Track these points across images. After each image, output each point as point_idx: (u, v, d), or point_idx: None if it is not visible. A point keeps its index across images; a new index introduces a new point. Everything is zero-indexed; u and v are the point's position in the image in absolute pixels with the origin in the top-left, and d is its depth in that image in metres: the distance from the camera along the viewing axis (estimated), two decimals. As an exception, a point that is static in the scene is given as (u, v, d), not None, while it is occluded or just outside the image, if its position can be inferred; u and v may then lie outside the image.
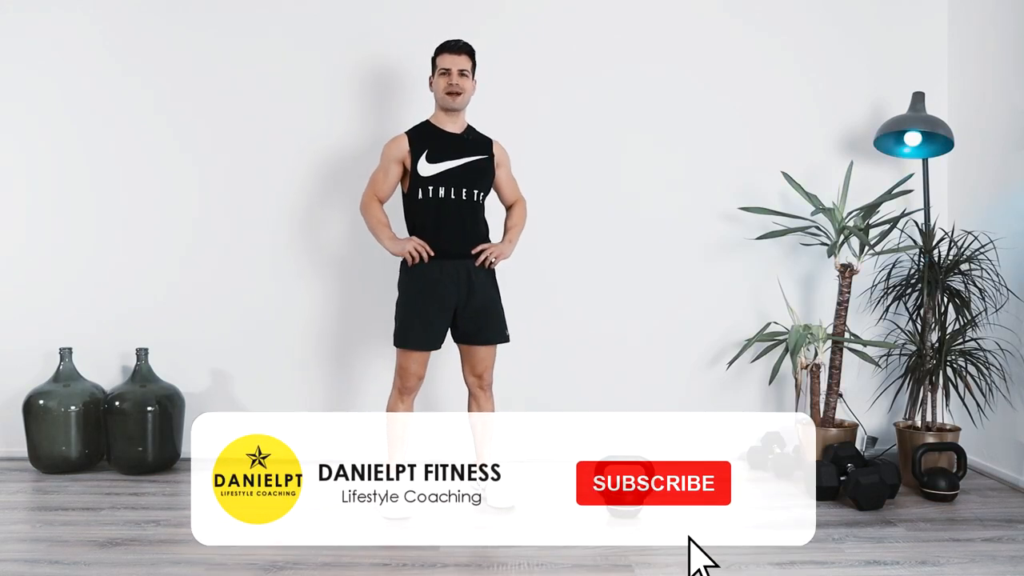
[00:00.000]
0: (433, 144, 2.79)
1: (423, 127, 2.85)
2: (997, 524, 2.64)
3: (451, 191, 2.77)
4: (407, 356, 2.78)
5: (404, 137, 2.82)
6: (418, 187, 2.78)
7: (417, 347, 2.76)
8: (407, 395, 2.84)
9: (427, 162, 2.77)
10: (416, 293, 2.76)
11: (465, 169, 2.80)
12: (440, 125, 2.84)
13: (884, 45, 3.59)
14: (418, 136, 2.81)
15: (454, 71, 2.76)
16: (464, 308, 2.79)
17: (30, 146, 3.54)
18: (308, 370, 3.56)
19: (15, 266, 3.56)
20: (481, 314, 2.81)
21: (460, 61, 2.78)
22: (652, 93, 3.56)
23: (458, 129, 2.85)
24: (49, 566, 2.27)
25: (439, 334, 2.80)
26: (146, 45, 3.53)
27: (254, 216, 3.54)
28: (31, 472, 3.35)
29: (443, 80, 2.77)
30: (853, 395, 3.51)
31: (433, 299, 2.75)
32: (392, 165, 2.81)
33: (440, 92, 2.79)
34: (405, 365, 2.79)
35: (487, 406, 2.94)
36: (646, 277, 3.56)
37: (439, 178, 2.77)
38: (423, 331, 2.76)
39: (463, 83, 2.78)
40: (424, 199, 2.77)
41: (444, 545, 2.44)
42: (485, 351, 2.86)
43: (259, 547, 2.41)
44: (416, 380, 2.82)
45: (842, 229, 3.22)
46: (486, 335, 2.84)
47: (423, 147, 2.78)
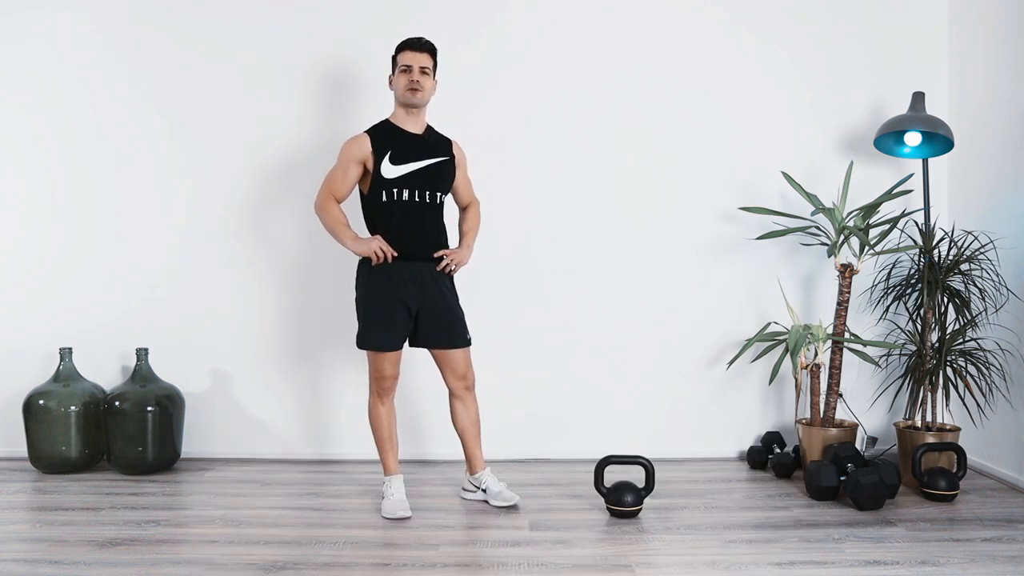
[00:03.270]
0: (396, 145, 2.76)
1: (384, 127, 2.81)
2: (997, 524, 2.64)
3: (415, 193, 2.75)
4: (379, 358, 2.76)
5: (366, 137, 2.77)
6: (381, 189, 2.74)
7: (383, 347, 2.74)
8: (386, 396, 2.83)
9: (391, 164, 2.73)
10: (377, 293, 2.74)
11: (428, 171, 2.78)
12: (401, 125, 2.80)
13: (884, 45, 3.59)
14: (380, 136, 2.77)
15: (415, 68, 2.73)
16: (424, 311, 2.77)
17: (30, 146, 3.55)
18: (308, 370, 3.56)
19: (15, 266, 3.57)
20: (442, 319, 2.79)
21: (421, 59, 2.75)
22: (652, 93, 3.56)
23: (419, 129, 2.82)
24: (49, 566, 2.27)
25: (402, 334, 2.78)
26: (147, 44, 3.53)
27: (254, 216, 3.55)
28: (31, 472, 3.35)
29: (404, 77, 2.74)
30: (853, 395, 3.51)
31: (395, 299, 2.73)
32: (352, 165, 2.77)
33: (401, 89, 2.75)
34: (379, 367, 2.78)
35: (472, 407, 2.92)
36: (646, 277, 3.57)
37: (403, 180, 2.74)
38: (388, 331, 2.74)
39: (424, 81, 2.75)
40: (388, 201, 2.74)
41: (444, 545, 2.44)
42: (460, 354, 2.85)
43: (259, 547, 2.42)
44: (391, 380, 2.81)
45: (842, 229, 3.22)
46: (446, 338, 2.81)
47: (386, 148, 2.74)
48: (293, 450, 3.57)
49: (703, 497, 2.97)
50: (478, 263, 3.28)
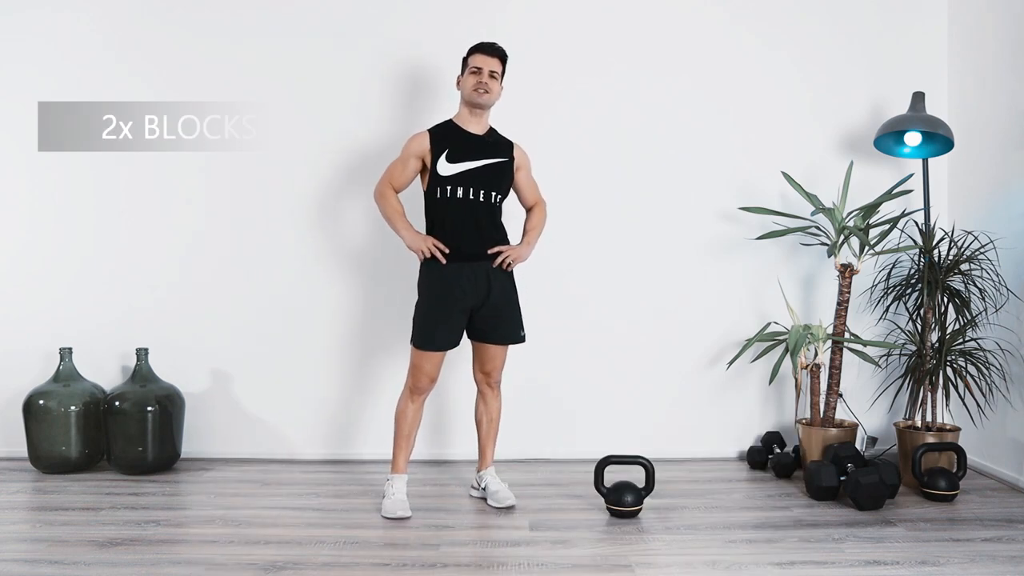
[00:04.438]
0: (454, 144, 2.80)
1: (446, 126, 2.86)
2: (997, 524, 2.64)
3: (469, 192, 2.78)
4: (422, 356, 2.79)
5: (426, 134, 2.83)
6: (436, 186, 2.79)
7: (434, 348, 2.77)
8: (418, 395, 2.84)
9: (447, 162, 2.78)
10: (435, 294, 2.77)
11: (484, 170, 2.81)
12: (463, 125, 2.85)
13: (884, 45, 3.59)
14: (440, 135, 2.82)
15: (485, 70, 2.79)
16: (481, 308, 2.80)
17: (30, 146, 3.54)
18: (309, 370, 3.56)
19: (15, 266, 3.57)
20: (497, 314, 2.82)
21: (492, 63, 2.81)
22: (652, 93, 3.56)
23: (480, 130, 2.86)
24: (49, 566, 2.27)
25: (456, 335, 2.81)
26: (147, 43, 3.53)
27: (254, 216, 3.55)
28: (31, 472, 3.35)
29: (472, 78, 2.79)
30: (853, 395, 3.51)
31: (451, 300, 2.76)
32: (411, 159, 2.83)
33: (468, 89, 2.80)
34: (419, 365, 2.80)
35: (494, 404, 2.96)
36: (646, 277, 3.57)
37: (458, 178, 2.77)
38: (441, 332, 2.77)
39: (492, 84, 2.80)
40: (442, 198, 2.78)
41: (444, 545, 2.44)
42: (496, 350, 2.88)
43: (259, 547, 2.42)
44: (428, 381, 2.82)
45: (842, 229, 3.22)
46: (500, 334, 2.85)
47: (444, 146, 2.79)
48: (293, 450, 3.57)
49: (703, 497, 2.97)
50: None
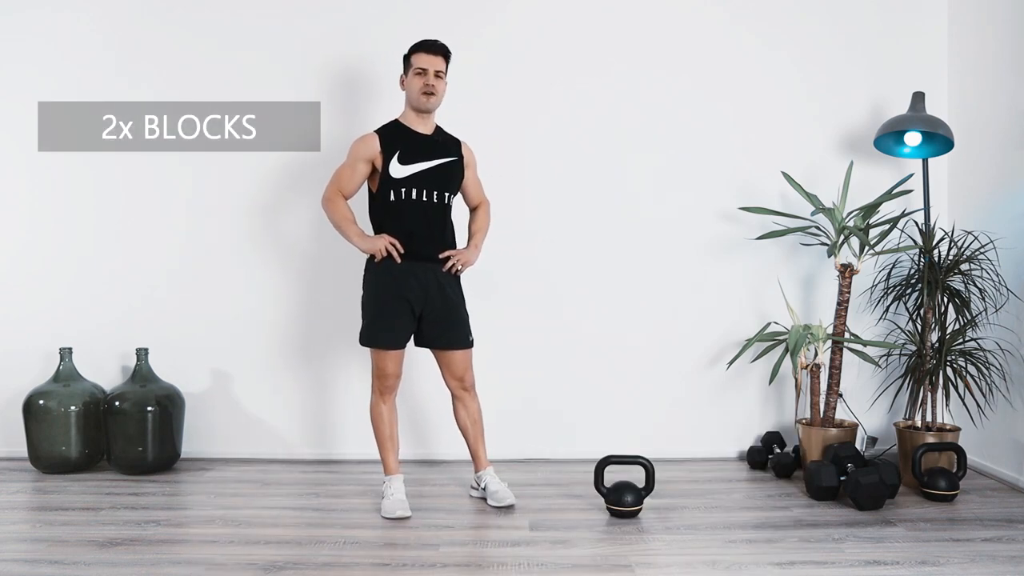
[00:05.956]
0: (404, 145, 2.76)
1: (393, 127, 2.82)
2: (997, 524, 2.64)
3: (423, 193, 2.75)
4: (382, 356, 2.78)
5: (375, 136, 2.78)
6: (389, 188, 2.75)
7: (386, 346, 2.75)
8: (387, 394, 2.84)
9: (399, 163, 2.74)
10: (383, 292, 2.75)
11: (436, 171, 2.78)
12: (411, 125, 2.81)
13: (884, 45, 3.59)
14: (389, 136, 2.77)
15: (430, 71, 2.73)
16: (428, 312, 2.78)
17: (30, 146, 3.54)
18: (309, 370, 3.56)
19: (15, 266, 3.57)
20: (446, 319, 2.80)
21: (436, 62, 2.75)
22: (652, 93, 3.56)
23: (428, 130, 2.82)
24: (49, 566, 2.27)
25: (405, 333, 2.79)
26: (147, 43, 3.53)
27: (255, 216, 3.55)
28: (31, 472, 3.35)
29: (418, 80, 2.74)
30: (853, 395, 3.51)
31: (399, 298, 2.74)
32: (360, 163, 2.77)
33: (415, 92, 2.75)
34: (381, 365, 2.79)
35: (472, 406, 2.94)
36: (646, 277, 3.57)
37: (411, 180, 2.74)
38: (390, 330, 2.75)
39: (438, 85, 2.76)
40: (396, 201, 2.74)
41: (444, 545, 2.44)
42: (461, 355, 2.86)
43: (259, 547, 2.42)
44: (394, 379, 2.82)
45: (842, 229, 3.22)
46: (447, 339, 2.82)
47: (395, 148, 2.75)
48: (293, 450, 3.57)
49: (703, 497, 2.97)
50: (479, 263, 3.28)
